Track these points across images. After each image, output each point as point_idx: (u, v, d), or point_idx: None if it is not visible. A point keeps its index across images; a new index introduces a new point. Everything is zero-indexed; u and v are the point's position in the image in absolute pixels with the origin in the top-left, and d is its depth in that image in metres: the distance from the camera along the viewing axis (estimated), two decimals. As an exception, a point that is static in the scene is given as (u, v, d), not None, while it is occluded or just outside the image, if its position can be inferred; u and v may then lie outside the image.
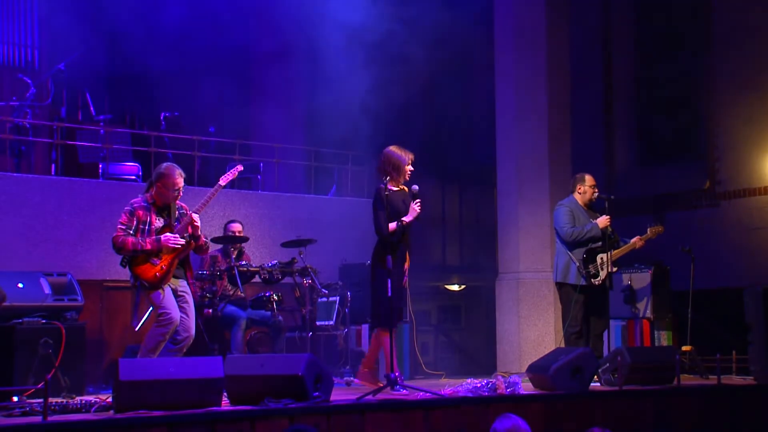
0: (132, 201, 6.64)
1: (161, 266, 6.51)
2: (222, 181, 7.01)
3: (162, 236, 6.51)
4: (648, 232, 8.37)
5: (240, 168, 7.36)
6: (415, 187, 7.08)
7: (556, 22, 10.13)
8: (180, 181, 6.60)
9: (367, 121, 11.32)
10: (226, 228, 8.99)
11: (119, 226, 6.52)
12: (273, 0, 11.87)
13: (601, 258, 8.06)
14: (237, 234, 8.87)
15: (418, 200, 7.03)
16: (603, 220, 8.07)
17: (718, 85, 11.12)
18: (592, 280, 8.06)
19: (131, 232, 6.50)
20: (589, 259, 8.11)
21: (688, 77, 11.75)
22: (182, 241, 6.56)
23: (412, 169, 7.19)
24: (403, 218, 6.98)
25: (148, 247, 6.47)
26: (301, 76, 12.05)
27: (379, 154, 7.26)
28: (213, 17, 11.51)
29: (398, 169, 7.15)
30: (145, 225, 6.55)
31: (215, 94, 11.41)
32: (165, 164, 6.74)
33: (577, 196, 8.32)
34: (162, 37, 10.82)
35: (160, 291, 6.48)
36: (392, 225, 6.97)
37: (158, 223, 6.61)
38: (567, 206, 8.27)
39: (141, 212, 6.55)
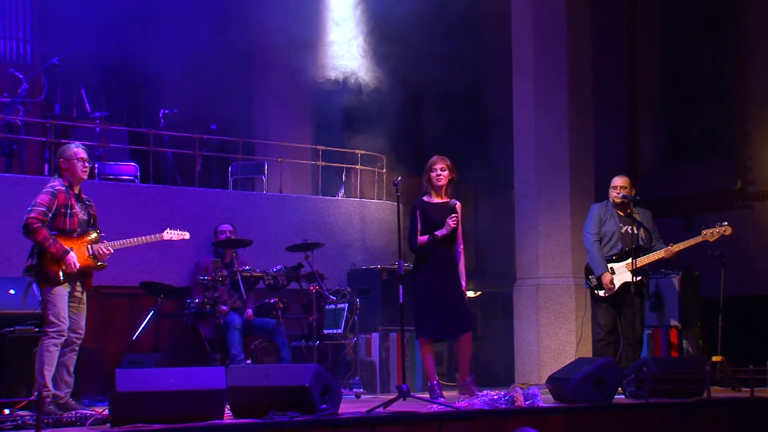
0: (52, 183, 6.40)
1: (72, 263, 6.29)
2: (166, 236, 6.96)
3: (69, 256, 6.26)
4: (704, 235, 7.86)
5: (186, 236, 7.14)
6: (454, 201, 7.26)
7: (576, 15, 10.12)
8: (81, 151, 6.47)
9: (377, 119, 11.31)
10: (216, 232, 9.01)
11: (38, 208, 6.25)
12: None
13: (612, 268, 7.84)
14: (229, 234, 8.90)
15: (453, 215, 7.16)
16: (605, 280, 7.81)
17: (749, 78, 11.08)
18: (596, 292, 7.90)
19: (50, 216, 6.26)
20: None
21: (718, 69, 11.71)
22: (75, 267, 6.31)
23: (438, 174, 7.25)
24: (436, 232, 7.15)
25: (53, 250, 6.22)
26: (306, 71, 12.04)
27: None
28: (215, 9, 11.52)
29: (426, 176, 7.33)
30: (66, 209, 6.35)
31: (217, 89, 11.42)
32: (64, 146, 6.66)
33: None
34: (161, 30, 10.83)
35: (54, 291, 6.25)
36: (423, 238, 7.16)
37: (81, 214, 6.45)
38: (597, 210, 8.09)
39: (62, 195, 6.35)
